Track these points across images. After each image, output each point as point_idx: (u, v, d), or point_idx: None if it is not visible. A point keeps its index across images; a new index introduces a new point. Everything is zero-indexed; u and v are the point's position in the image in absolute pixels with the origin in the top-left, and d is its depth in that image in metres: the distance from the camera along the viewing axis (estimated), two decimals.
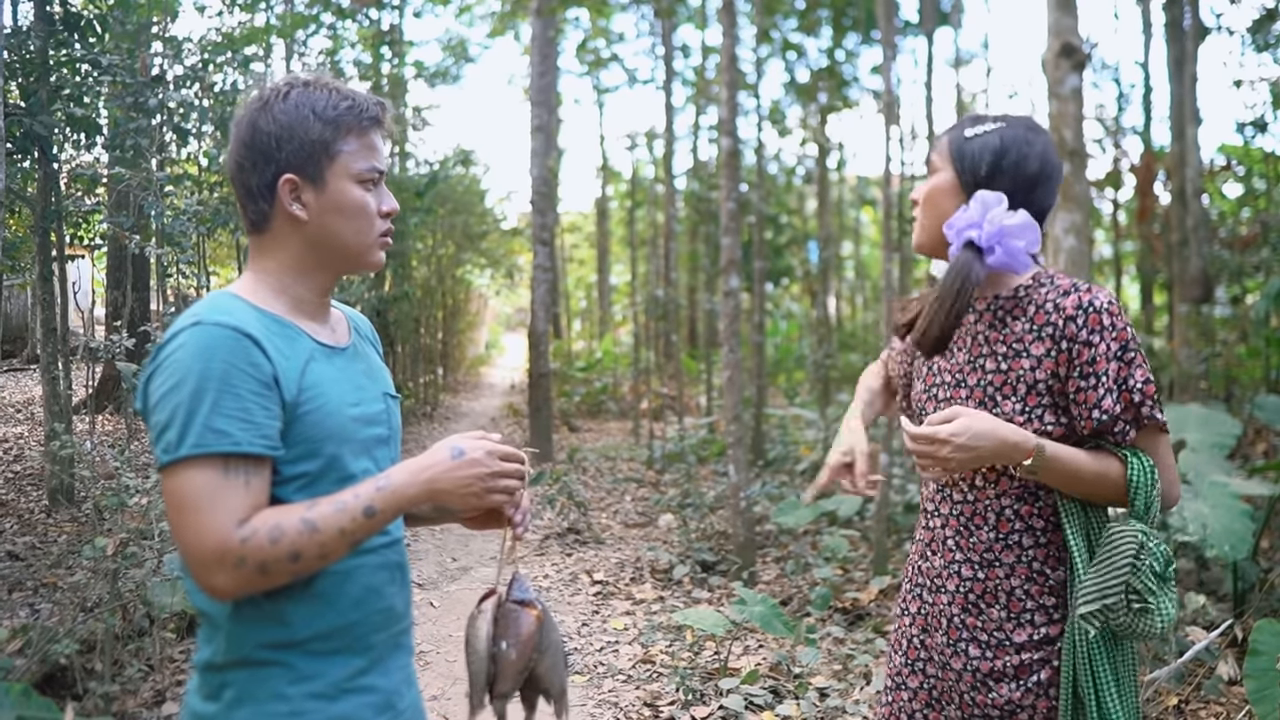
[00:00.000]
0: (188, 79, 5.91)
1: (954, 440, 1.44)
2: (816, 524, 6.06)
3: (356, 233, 1.31)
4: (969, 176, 1.58)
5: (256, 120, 1.28)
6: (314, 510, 1.16)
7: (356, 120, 1.29)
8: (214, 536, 1.12)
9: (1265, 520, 3.91)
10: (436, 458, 1.22)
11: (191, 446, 1.13)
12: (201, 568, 1.13)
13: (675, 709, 3.53)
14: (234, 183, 1.31)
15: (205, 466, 1.14)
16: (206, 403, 1.14)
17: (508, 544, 1.35)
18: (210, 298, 1.26)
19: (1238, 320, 8.35)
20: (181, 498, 1.14)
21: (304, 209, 1.29)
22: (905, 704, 1.68)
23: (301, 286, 1.32)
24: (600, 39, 15.81)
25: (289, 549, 1.14)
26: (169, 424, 1.15)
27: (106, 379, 7.62)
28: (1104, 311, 1.48)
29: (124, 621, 3.42)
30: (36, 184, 5.31)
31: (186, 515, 1.13)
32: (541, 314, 10.06)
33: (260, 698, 1.21)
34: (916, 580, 1.70)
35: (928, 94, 9.18)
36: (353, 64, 9.95)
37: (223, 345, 1.16)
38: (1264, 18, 8.90)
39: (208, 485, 1.13)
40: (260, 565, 1.13)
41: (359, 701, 1.27)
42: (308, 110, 1.27)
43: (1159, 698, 3.28)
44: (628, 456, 9.68)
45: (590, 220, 23.46)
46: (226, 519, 1.13)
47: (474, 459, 1.22)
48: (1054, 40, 4.30)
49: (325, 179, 1.28)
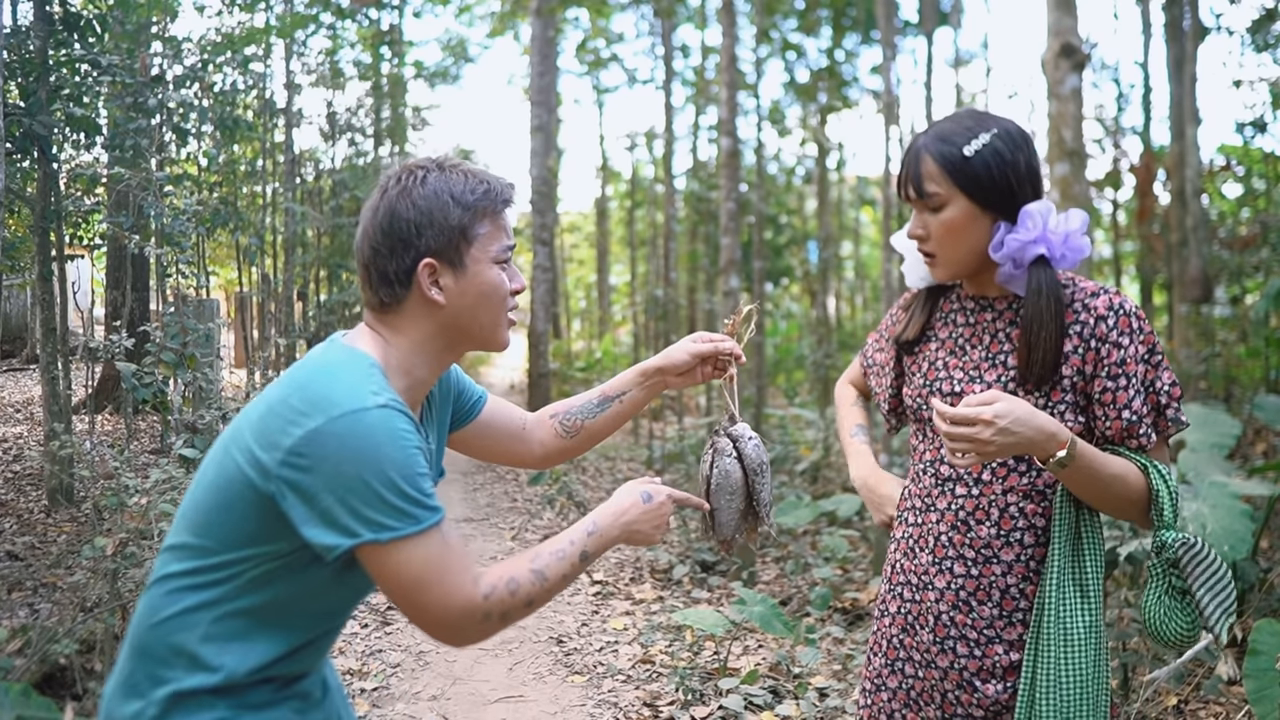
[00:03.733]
0: (188, 79, 5.91)
1: (998, 422, 1.36)
2: (816, 524, 6.06)
3: (491, 313, 1.34)
4: (993, 196, 1.51)
5: (395, 206, 1.28)
6: (539, 561, 1.28)
7: (492, 204, 1.32)
8: (460, 600, 1.20)
9: (1265, 520, 3.91)
10: (630, 501, 1.38)
11: (416, 521, 1.16)
12: (452, 630, 1.21)
13: (675, 709, 3.53)
14: (367, 267, 1.31)
15: (431, 536, 1.18)
16: (411, 477, 1.17)
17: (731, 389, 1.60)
18: (375, 375, 1.23)
19: (1237, 320, 8.36)
20: (420, 573, 1.17)
21: (442, 293, 1.30)
22: (885, 704, 1.68)
23: (425, 369, 1.34)
24: (600, 39, 15.80)
25: (525, 598, 1.25)
26: (382, 502, 1.15)
27: (106, 379, 7.61)
28: (1133, 315, 1.49)
29: (124, 621, 3.42)
30: (36, 184, 5.31)
31: (430, 588, 1.18)
32: (541, 314, 10.07)
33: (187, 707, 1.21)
34: (897, 580, 1.68)
35: (928, 94, 9.18)
36: (352, 64, 9.95)
37: (399, 427, 1.18)
38: (1264, 18, 8.90)
39: (440, 554, 1.19)
40: (503, 614, 1.24)
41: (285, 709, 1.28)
42: (447, 196, 1.29)
43: (1159, 698, 3.28)
44: (627, 456, 9.69)
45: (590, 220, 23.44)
46: (463, 577, 1.21)
47: (660, 502, 1.40)
48: (1054, 40, 4.30)
49: (465, 263, 1.30)
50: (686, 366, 1.62)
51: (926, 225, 1.56)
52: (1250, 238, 8.47)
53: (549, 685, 3.82)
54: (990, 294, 1.62)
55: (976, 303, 1.64)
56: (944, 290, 1.71)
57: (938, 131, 1.54)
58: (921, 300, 1.73)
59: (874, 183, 17.46)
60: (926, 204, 1.54)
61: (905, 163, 1.57)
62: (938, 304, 1.71)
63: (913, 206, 1.58)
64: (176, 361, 4.11)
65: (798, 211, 17.02)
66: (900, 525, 1.70)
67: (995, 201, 1.51)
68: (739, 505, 1.51)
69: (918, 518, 1.65)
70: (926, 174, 1.53)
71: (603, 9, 13.32)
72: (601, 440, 1.69)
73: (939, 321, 1.69)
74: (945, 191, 1.52)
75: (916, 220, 1.57)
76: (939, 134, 1.53)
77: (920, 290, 1.74)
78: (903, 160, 1.58)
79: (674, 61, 13.14)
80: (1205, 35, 9.05)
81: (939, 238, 1.54)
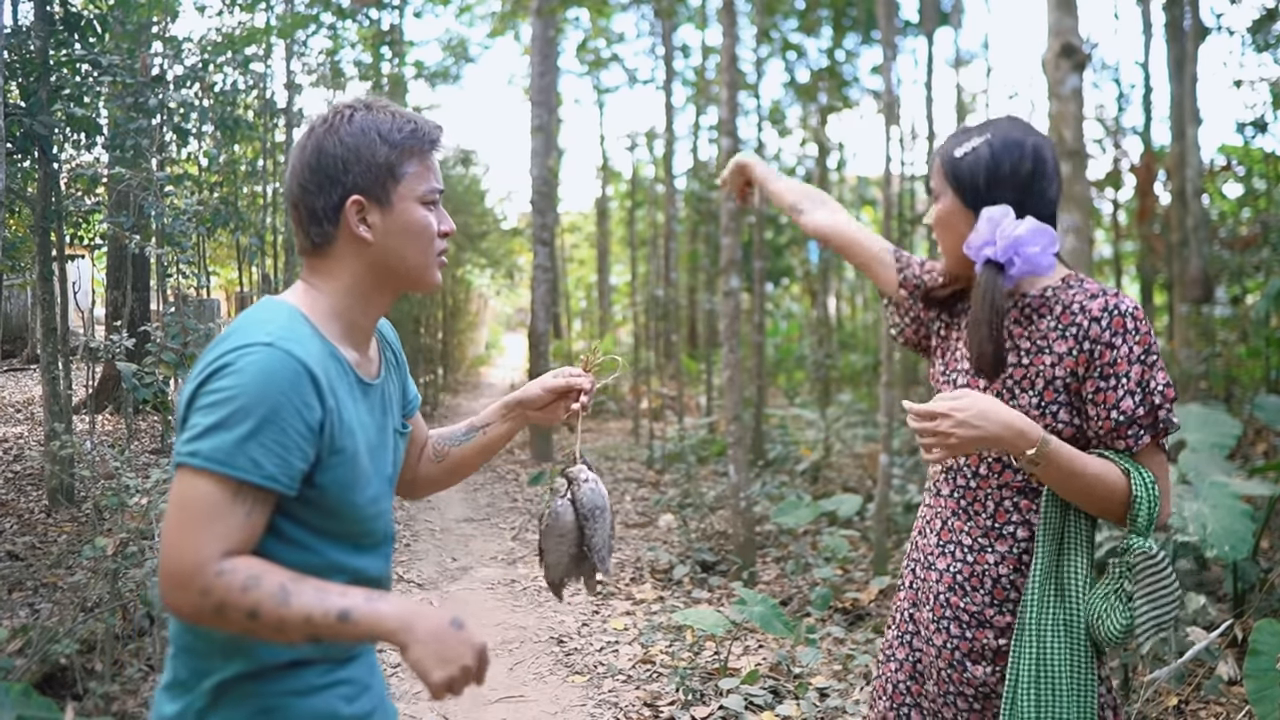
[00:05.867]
0: (188, 79, 5.91)
1: (955, 415, 1.45)
2: (816, 524, 6.06)
3: (419, 253, 1.33)
4: (970, 195, 1.60)
5: (322, 143, 1.29)
6: (297, 584, 1.14)
7: (419, 143, 1.32)
8: (195, 556, 1.11)
9: (1265, 520, 3.91)
10: (435, 615, 1.16)
11: (217, 462, 1.12)
12: (170, 579, 1.12)
13: (675, 709, 3.53)
14: (296, 206, 1.31)
15: (220, 485, 1.13)
16: (249, 426, 1.13)
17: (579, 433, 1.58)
18: (284, 314, 1.25)
19: (1238, 320, 8.36)
20: (185, 503, 1.13)
21: (370, 230, 1.30)
22: (892, 675, 1.74)
23: (358, 311, 1.33)
24: (600, 39, 15.78)
25: (252, 604, 1.11)
26: (206, 429, 1.13)
27: (106, 379, 7.61)
28: (1128, 316, 1.52)
29: (124, 621, 3.42)
30: (36, 184, 5.31)
31: (182, 524, 1.12)
32: (542, 314, 10.06)
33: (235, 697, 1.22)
34: (913, 555, 1.76)
35: (928, 94, 9.19)
36: (353, 64, 9.94)
37: (286, 376, 1.16)
38: (1264, 18, 8.91)
39: (212, 502, 1.13)
40: (219, 604, 1.11)
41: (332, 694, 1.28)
42: (374, 134, 1.29)
43: (1159, 698, 3.28)
44: (628, 456, 9.69)
45: (590, 220, 23.42)
46: (215, 545, 1.12)
47: (464, 642, 1.15)
48: (1054, 40, 4.29)
49: (391, 201, 1.30)
50: (543, 401, 1.60)
51: (931, 218, 1.70)
52: (1250, 238, 8.47)
53: (549, 685, 3.82)
54: None
55: None
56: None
57: (952, 133, 1.68)
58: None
59: (874, 183, 17.45)
60: (933, 198, 1.69)
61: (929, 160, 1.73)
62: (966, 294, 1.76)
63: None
64: (177, 361, 4.11)
65: None
66: (922, 505, 1.77)
67: (973, 200, 1.60)
68: (569, 549, 1.46)
69: (930, 499, 1.73)
70: (934, 170, 1.68)
71: (603, 9, 13.31)
72: (468, 474, 1.63)
73: (960, 311, 1.75)
74: (939, 187, 1.65)
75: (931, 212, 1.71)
76: (951, 135, 1.67)
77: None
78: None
79: (674, 61, 13.13)
80: (1206, 35, 9.05)
81: (935, 228, 1.68)
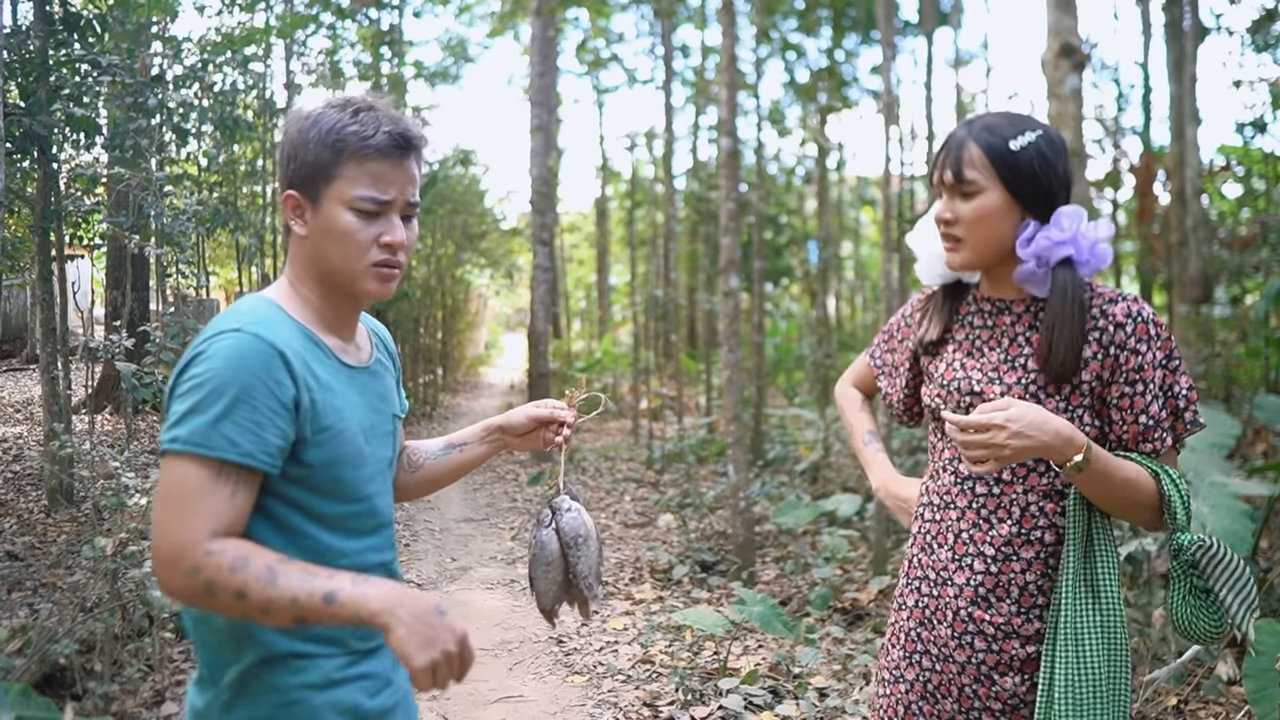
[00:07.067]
0: (188, 79, 5.91)
1: (1011, 426, 1.40)
2: (816, 524, 6.05)
3: (343, 259, 1.29)
4: (1030, 191, 1.55)
5: (284, 135, 1.33)
6: (285, 566, 1.14)
7: (357, 148, 1.27)
8: (183, 536, 1.14)
9: (1265, 520, 3.91)
10: (421, 600, 1.15)
11: (194, 444, 1.15)
12: (160, 560, 1.15)
13: (675, 709, 3.53)
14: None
15: (200, 466, 1.15)
16: (221, 406, 1.15)
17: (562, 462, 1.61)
18: (253, 304, 1.28)
19: (1237, 320, 8.35)
20: (169, 488, 1.16)
21: (303, 226, 1.31)
22: (902, 696, 1.69)
23: (321, 302, 1.34)
24: (600, 39, 15.80)
25: (239, 584, 1.12)
26: (183, 415, 1.16)
27: (106, 379, 7.61)
28: (1150, 321, 1.52)
29: (123, 621, 3.42)
30: (36, 184, 5.31)
31: (168, 507, 1.15)
32: (541, 314, 10.07)
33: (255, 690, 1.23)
34: (915, 574, 1.70)
35: (928, 94, 9.19)
36: (352, 64, 9.94)
37: (254, 357, 1.18)
38: (1264, 18, 8.90)
39: (196, 484, 1.15)
40: (209, 584, 1.13)
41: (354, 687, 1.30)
42: (315, 132, 1.28)
43: (1158, 698, 3.28)
44: (627, 456, 9.69)
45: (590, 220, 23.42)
46: (202, 524, 1.14)
47: (448, 628, 1.14)
48: (1054, 40, 4.30)
49: (320, 201, 1.29)
50: (525, 429, 1.59)
51: (957, 211, 1.58)
52: (1250, 238, 8.47)
53: (549, 685, 3.82)
54: (1008, 296, 1.64)
55: (994, 305, 1.65)
56: (960, 292, 1.73)
57: (985, 123, 1.58)
58: (939, 300, 1.74)
59: (874, 183, 17.44)
60: (960, 189, 1.57)
61: (946, 149, 1.60)
62: (955, 305, 1.72)
63: (943, 193, 1.61)
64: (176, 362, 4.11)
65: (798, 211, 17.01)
66: (918, 521, 1.72)
67: (1031, 198, 1.55)
68: (556, 577, 1.50)
69: (935, 514, 1.67)
70: (968, 160, 1.56)
71: (603, 9, 13.32)
72: (438, 488, 1.63)
73: (955, 324, 1.71)
74: (985, 180, 1.55)
75: (946, 205, 1.59)
76: (986, 125, 1.57)
77: (936, 291, 1.75)
78: (942, 147, 1.62)
79: (674, 61, 13.15)
80: (1205, 35, 9.04)
81: (969, 223, 1.57)
